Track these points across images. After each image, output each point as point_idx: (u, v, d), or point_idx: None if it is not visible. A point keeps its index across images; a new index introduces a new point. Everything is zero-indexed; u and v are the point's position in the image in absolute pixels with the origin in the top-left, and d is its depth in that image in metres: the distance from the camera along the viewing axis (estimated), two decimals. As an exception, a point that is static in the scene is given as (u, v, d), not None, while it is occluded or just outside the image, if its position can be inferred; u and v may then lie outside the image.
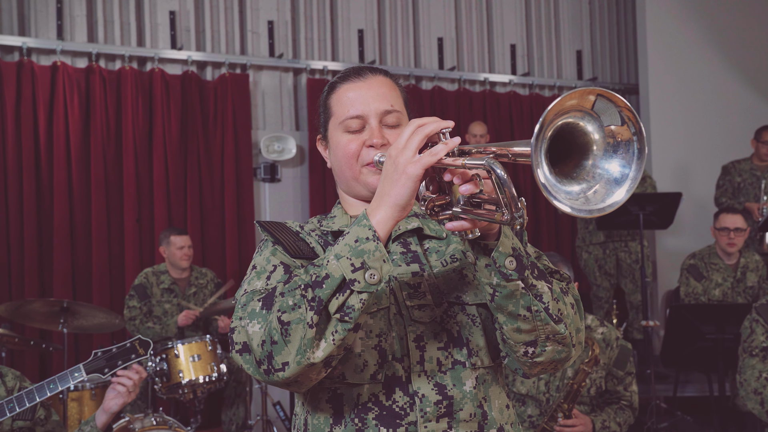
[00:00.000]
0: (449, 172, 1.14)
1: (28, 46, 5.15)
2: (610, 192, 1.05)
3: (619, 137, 1.05)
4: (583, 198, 1.05)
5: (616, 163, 1.06)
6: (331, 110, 1.42)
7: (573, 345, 1.27)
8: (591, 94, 1.01)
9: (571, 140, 1.06)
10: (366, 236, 1.15)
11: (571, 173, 1.07)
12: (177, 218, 5.47)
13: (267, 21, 5.93)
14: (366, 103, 1.37)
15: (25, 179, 5.02)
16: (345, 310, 1.12)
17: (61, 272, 5.06)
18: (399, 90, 1.44)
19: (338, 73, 1.45)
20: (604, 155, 1.06)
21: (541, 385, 2.92)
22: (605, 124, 1.05)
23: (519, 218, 1.06)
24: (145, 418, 3.74)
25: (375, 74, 1.41)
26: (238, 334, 1.20)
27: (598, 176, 1.06)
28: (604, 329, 3.00)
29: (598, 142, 1.06)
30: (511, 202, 1.06)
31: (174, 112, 5.46)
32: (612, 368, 2.99)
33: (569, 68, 7.02)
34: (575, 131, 1.05)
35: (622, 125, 1.04)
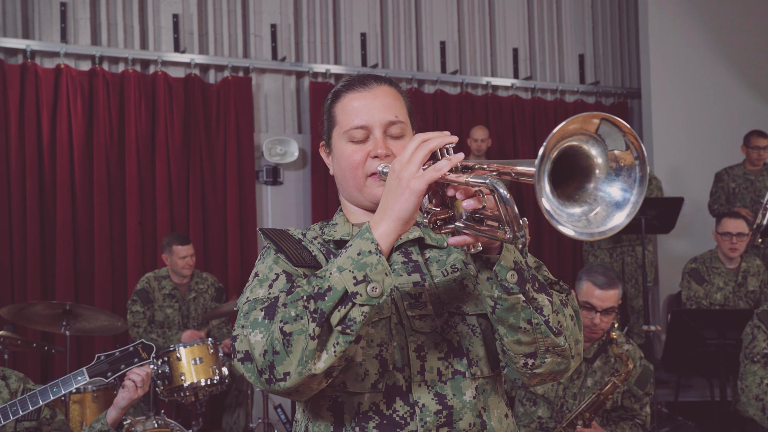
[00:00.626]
0: (452, 187, 1.15)
1: (32, 49, 5.16)
2: (611, 215, 1.06)
3: (622, 162, 1.06)
4: (585, 220, 1.05)
5: (618, 187, 1.07)
6: (336, 119, 1.42)
7: (572, 357, 1.28)
8: (595, 118, 1.02)
9: (575, 162, 1.07)
10: (369, 249, 1.16)
11: (573, 195, 1.07)
12: (179, 221, 5.48)
13: (270, 24, 5.94)
14: (371, 113, 1.37)
15: (28, 181, 5.03)
16: (347, 322, 1.13)
17: (64, 275, 5.07)
18: (403, 100, 1.44)
19: (342, 81, 1.45)
20: (606, 179, 1.07)
21: (559, 390, 2.93)
22: (609, 148, 1.05)
23: (521, 237, 1.07)
24: (146, 420, 3.75)
25: (380, 84, 1.41)
26: (240, 342, 1.21)
27: (600, 199, 1.07)
28: (629, 347, 3.01)
29: (601, 166, 1.07)
30: (514, 221, 1.07)
31: (177, 115, 5.48)
32: (633, 386, 3.00)
33: (571, 72, 7.03)
34: (579, 154, 1.06)
35: (625, 150, 1.05)
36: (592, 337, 2.98)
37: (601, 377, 2.98)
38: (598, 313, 2.89)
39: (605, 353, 3.02)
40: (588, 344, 3.02)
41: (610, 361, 3.01)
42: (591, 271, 2.96)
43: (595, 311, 2.89)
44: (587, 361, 3.00)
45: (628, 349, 3.01)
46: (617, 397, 3.01)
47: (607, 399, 2.87)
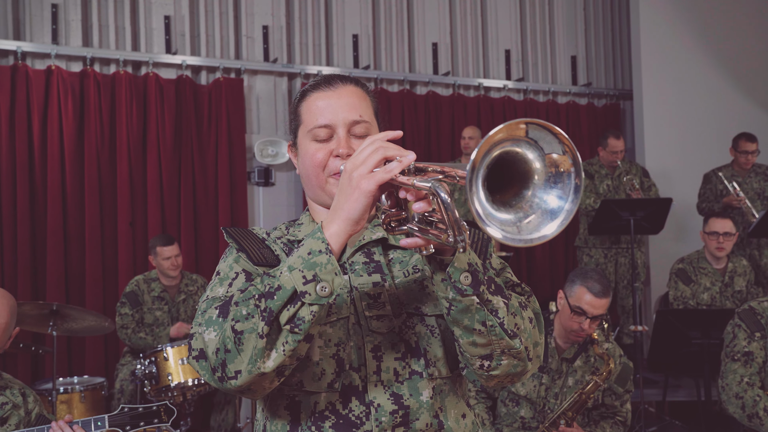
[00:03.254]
0: (404, 189, 1.15)
1: (23, 50, 5.18)
2: (544, 223, 1.06)
3: (561, 168, 1.06)
4: (515, 228, 1.05)
5: (555, 195, 1.06)
6: (301, 118, 1.43)
7: (530, 359, 1.27)
8: (520, 124, 1.02)
9: (514, 168, 1.07)
10: (319, 249, 1.16)
11: (510, 201, 1.07)
12: (171, 222, 5.49)
13: (262, 26, 5.96)
14: (335, 112, 1.38)
15: (19, 182, 5.04)
16: (295, 321, 1.14)
17: (54, 275, 5.07)
18: (370, 100, 1.44)
19: (310, 81, 1.46)
20: (545, 185, 1.07)
21: (541, 390, 2.94)
22: (546, 152, 1.05)
23: (461, 242, 1.07)
24: (133, 420, 3.77)
25: (345, 84, 1.41)
26: (195, 340, 1.23)
27: (536, 206, 1.07)
28: (609, 345, 3.02)
29: (539, 171, 1.06)
30: (454, 226, 1.07)
31: (168, 117, 5.49)
32: (613, 384, 3.01)
33: (564, 74, 7.04)
34: (517, 159, 1.06)
35: (563, 154, 1.05)
36: (576, 341, 2.99)
37: (582, 376, 2.99)
38: (588, 319, 2.89)
39: (585, 352, 3.03)
40: (568, 345, 3.03)
41: (590, 360, 3.02)
42: (586, 276, 2.94)
43: (586, 317, 2.89)
44: (568, 361, 3.01)
45: (608, 347, 3.02)
46: (598, 396, 3.02)
47: (588, 398, 2.88)
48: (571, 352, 3.01)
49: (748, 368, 2.85)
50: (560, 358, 3.00)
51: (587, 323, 2.90)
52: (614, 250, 5.63)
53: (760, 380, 2.85)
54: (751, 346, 2.87)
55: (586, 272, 2.98)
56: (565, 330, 2.97)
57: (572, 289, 2.95)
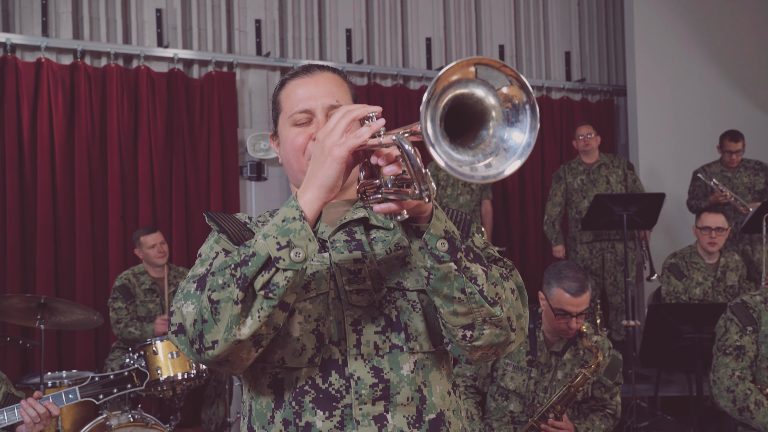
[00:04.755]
0: (375, 154, 1.16)
1: (12, 42, 5.13)
2: (504, 162, 1.07)
3: (515, 100, 1.06)
4: (468, 168, 1.06)
5: (516, 132, 1.07)
6: (281, 105, 1.46)
7: (513, 329, 1.27)
8: (469, 65, 1.03)
9: (470, 111, 1.07)
10: (293, 216, 1.17)
11: (470, 143, 1.08)
12: (162, 217, 5.45)
13: (254, 19, 5.92)
14: (313, 98, 1.41)
15: (8, 176, 5.00)
16: (270, 287, 1.15)
17: (44, 270, 5.03)
18: (348, 86, 1.47)
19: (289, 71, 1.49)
20: (503, 124, 1.07)
21: (530, 384, 2.93)
22: (496, 88, 1.06)
23: (425, 191, 1.09)
24: (122, 414, 3.73)
25: (323, 71, 1.45)
26: (174, 316, 1.24)
27: (495, 146, 1.08)
28: (597, 338, 3.01)
29: (496, 109, 1.07)
30: (417, 176, 1.08)
31: (160, 110, 5.45)
32: (602, 377, 3.00)
33: (558, 69, 7.03)
34: (470, 101, 1.06)
35: (511, 85, 1.05)
36: (567, 337, 2.98)
37: (571, 369, 2.98)
38: (573, 318, 2.88)
39: (574, 345, 3.02)
40: (557, 338, 3.01)
41: (579, 353, 3.01)
42: (561, 276, 2.92)
43: (571, 316, 2.88)
44: (557, 354, 3.00)
45: (597, 340, 3.01)
46: (587, 389, 3.01)
47: (577, 391, 2.87)
48: (560, 345, 3.00)
49: (740, 362, 2.84)
50: (549, 351, 2.99)
51: (573, 321, 2.89)
52: (599, 245, 5.62)
53: (751, 374, 2.84)
54: (743, 340, 2.85)
55: (559, 271, 2.95)
56: (553, 329, 2.96)
57: (550, 292, 2.93)
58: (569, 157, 6.53)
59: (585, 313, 2.92)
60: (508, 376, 2.96)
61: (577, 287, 2.88)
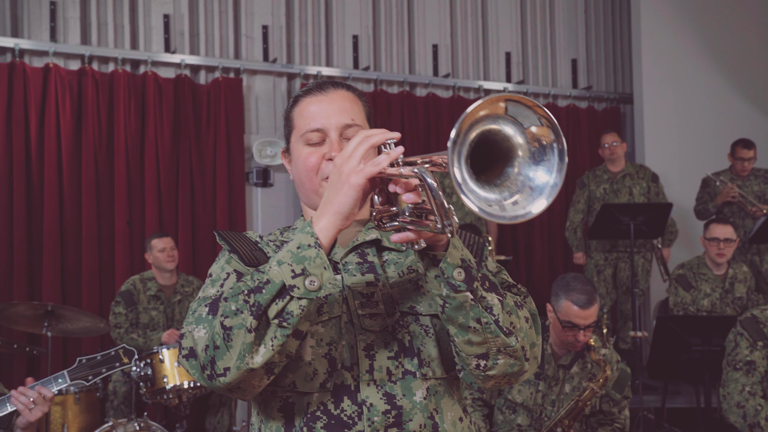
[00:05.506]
0: (394, 182, 1.15)
1: (21, 48, 5.14)
2: (531, 201, 1.06)
3: (543, 141, 1.05)
4: (497, 206, 1.05)
5: (541, 171, 1.06)
6: (294, 123, 1.43)
7: (527, 359, 1.26)
8: (499, 101, 1.02)
9: (496, 147, 1.06)
10: (308, 243, 1.16)
11: (495, 180, 1.07)
12: (168, 222, 5.45)
13: (261, 25, 5.93)
14: (327, 116, 1.38)
15: (16, 181, 5.00)
16: (284, 315, 1.13)
17: (50, 275, 5.03)
18: (362, 104, 1.44)
19: (302, 88, 1.46)
20: (529, 162, 1.06)
21: (537, 398, 2.92)
22: (525, 126, 1.05)
23: (448, 226, 1.07)
24: (128, 422, 3.74)
25: (337, 88, 1.42)
26: (185, 339, 1.22)
27: (521, 184, 1.07)
28: (606, 351, 3.00)
29: (523, 147, 1.06)
30: (440, 210, 1.07)
31: (166, 116, 5.45)
32: (610, 390, 2.98)
33: (564, 77, 7.02)
34: (498, 137, 1.05)
35: (541, 126, 1.05)
36: (574, 350, 2.96)
37: (578, 383, 2.96)
38: (581, 330, 2.87)
39: (582, 359, 3.00)
40: (564, 351, 3.00)
41: (587, 366, 3.00)
42: (569, 288, 2.90)
43: (578, 328, 2.87)
44: (564, 367, 2.98)
45: (605, 353, 2.99)
46: (595, 402, 3.00)
47: (585, 405, 2.86)
48: (568, 358, 2.98)
49: (750, 377, 2.82)
50: (557, 364, 2.97)
51: (581, 334, 2.87)
52: (615, 255, 5.60)
53: (762, 390, 2.83)
54: (753, 355, 2.84)
55: (567, 283, 2.93)
56: (561, 341, 2.95)
57: (558, 304, 2.91)
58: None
59: (593, 326, 2.91)
60: (516, 389, 2.94)
61: (585, 299, 2.87)
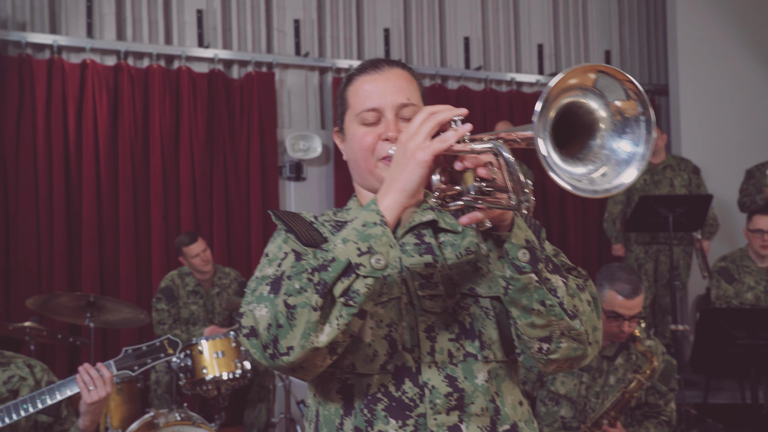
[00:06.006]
0: (460, 159, 1.13)
1: (59, 44, 5.20)
2: (619, 173, 1.03)
3: (627, 113, 1.02)
4: (587, 180, 1.02)
5: (626, 143, 1.03)
6: (348, 102, 1.41)
7: (589, 343, 1.24)
8: (591, 71, 1.00)
9: (577, 121, 1.04)
10: (373, 221, 1.14)
11: (578, 154, 1.04)
12: (203, 216, 5.49)
13: (293, 19, 5.94)
14: (382, 95, 1.35)
15: (55, 175, 5.07)
16: (350, 294, 1.11)
17: (89, 268, 5.10)
18: (417, 83, 1.41)
19: (357, 65, 1.44)
20: (612, 134, 1.04)
21: (582, 389, 2.88)
22: (610, 100, 1.02)
23: (525, 202, 1.05)
24: (169, 413, 3.77)
25: (392, 67, 1.39)
26: (245, 318, 1.20)
27: (605, 157, 1.04)
28: (651, 342, 2.95)
29: (606, 120, 1.03)
30: (518, 186, 1.04)
31: (200, 110, 5.49)
32: (656, 382, 2.94)
33: (598, 68, 6.92)
34: (580, 110, 1.03)
35: (627, 100, 1.02)
36: (619, 341, 2.92)
37: (623, 374, 2.92)
38: (626, 321, 2.82)
39: (626, 350, 2.96)
40: (608, 342, 2.96)
41: (631, 357, 2.95)
42: (613, 278, 2.86)
43: (623, 319, 2.82)
44: (608, 359, 2.94)
45: (650, 345, 2.94)
46: (641, 394, 2.95)
47: (632, 397, 2.81)
48: (612, 349, 2.94)
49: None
50: (600, 355, 2.93)
51: (626, 325, 2.82)
52: (655, 247, 5.51)
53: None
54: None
55: (612, 273, 2.88)
56: (605, 332, 2.90)
57: (602, 294, 2.86)
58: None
59: (638, 317, 2.86)
60: (559, 380, 2.91)
61: (630, 289, 2.82)
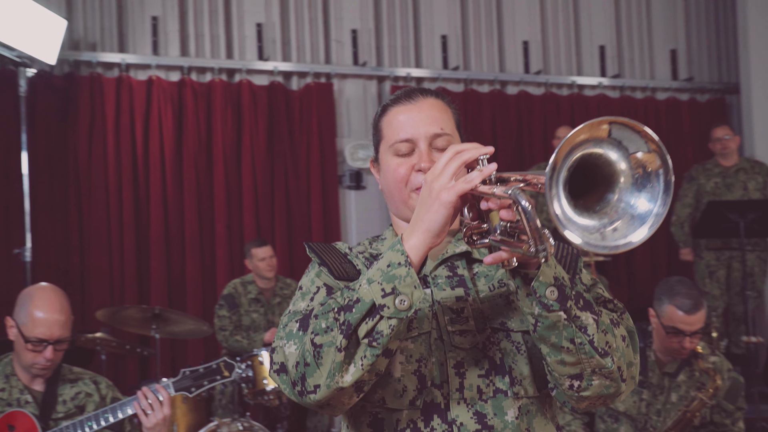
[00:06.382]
0: (485, 199, 1.13)
1: (127, 62, 5.40)
2: (631, 229, 1.00)
3: (649, 167, 1.00)
4: (598, 234, 1.00)
5: (643, 198, 1.01)
6: (382, 133, 1.42)
7: (623, 380, 1.21)
8: (603, 123, 0.97)
9: (597, 172, 1.02)
10: (398, 261, 1.15)
11: (594, 206, 1.02)
12: (265, 226, 5.59)
13: (351, 30, 5.99)
14: (415, 126, 1.36)
15: (124, 189, 5.26)
16: (374, 335, 1.12)
17: (158, 280, 5.26)
18: (451, 112, 1.41)
19: (391, 96, 1.44)
20: (632, 189, 1.01)
21: (642, 407, 2.80)
22: (631, 151, 0.99)
23: (542, 251, 1.03)
24: (231, 422, 3.85)
25: (426, 96, 1.39)
26: (276, 354, 1.23)
27: (622, 211, 1.01)
28: (715, 359, 2.84)
29: (626, 173, 1.01)
30: (534, 234, 1.03)
31: (261, 122, 5.60)
32: (722, 401, 2.82)
33: (663, 68, 6.73)
34: (600, 162, 1.00)
35: (649, 152, 0.99)
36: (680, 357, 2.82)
37: (686, 392, 2.82)
38: (687, 337, 2.72)
39: (689, 366, 2.85)
40: (669, 359, 2.86)
41: (695, 374, 2.84)
42: (673, 293, 2.76)
43: (684, 335, 2.73)
44: (670, 375, 2.84)
45: (714, 361, 2.82)
46: (706, 413, 2.84)
47: (694, 416, 2.71)
48: (674, 366, 2.84)
49: None
50: (661, 372, 2.84)
51: (687, 341, 2.72)
52: (727, 254, 5.29)
53: None
54: None
55: (671, 287, 2.78)
56: (665, 348, 2.81)
57: (661, 309, 2.77)
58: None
59: (700, 333, 2.75)
60: None
61: (691, 304, 2.72)
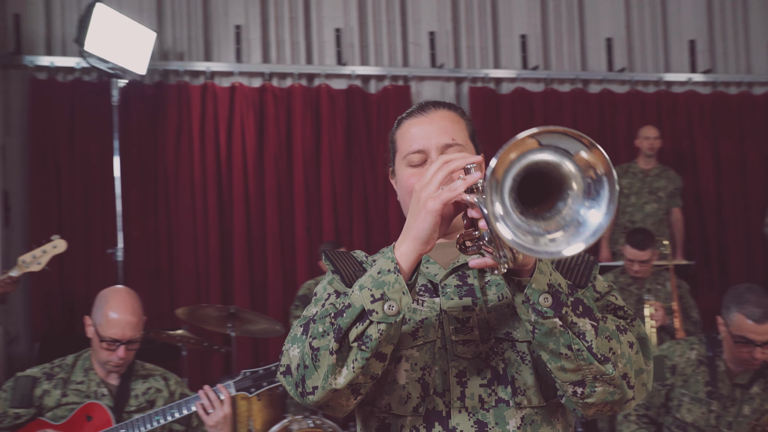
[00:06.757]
0: (471, 207, 1.14)
1: (211, 70, 5.64)
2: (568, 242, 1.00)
3: (598, 170, 0.99)
4: (531, 238, 1.00)
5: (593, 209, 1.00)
6: (397, 145, 1.46)
7: (630, 386, 1.20)
8: (526, 139, 0.97)
9: (549, 178, 1.02)
10: (388, 268, 1.19)
11: (544, 214, 1.03)
12: (343, 229, 5.69)
13: (428, 32, 6.00)
14: (427, 137, 1.39)
15: (210, 193, 5.47)
16: (363, 339, 1.17)
17: (241, 280, 5.44)
18: (464, 123, 1.44)
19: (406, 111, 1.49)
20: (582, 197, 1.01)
21: (711, 418, 2.69)
22: (572, 152, 0.98)
23: (503, 258, 1.05)
24: (303, 419, 3.96)
25: (438, 108, 1.43)
26: (283, 356, 1.30)
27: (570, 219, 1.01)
28: None
29: (577, 178, 1.00)
30: (496, 241, 1.05)
31: (339, 126, 5.70)
32: None
33: (760, 61, 6.36)
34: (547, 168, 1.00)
35: (589, 150, 0.98)
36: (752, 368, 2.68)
37: (760, 404, 2.68)
38: (758, 347, 2.58)
39: (764, 378, 2.70)
40: (741, 369, 2.72)
41: None
42: (742, 300, 2.63)
43: (754, 345, 2.59)
44: (742, 387, 2.71)
45: None
46: None
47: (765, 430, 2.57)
48: (746, 377, 2.71)
49: None
50: (732, 383, 2.71)
51: (758, 351, 2.58)
52: None
53: None
54: None
55: (740, 295, 2.66)
56: (735, 358, 2.67)
57: (729, 317, 2.64)
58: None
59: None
60: (685, 407, 2.72)
61: (761, 313, 2.58)
